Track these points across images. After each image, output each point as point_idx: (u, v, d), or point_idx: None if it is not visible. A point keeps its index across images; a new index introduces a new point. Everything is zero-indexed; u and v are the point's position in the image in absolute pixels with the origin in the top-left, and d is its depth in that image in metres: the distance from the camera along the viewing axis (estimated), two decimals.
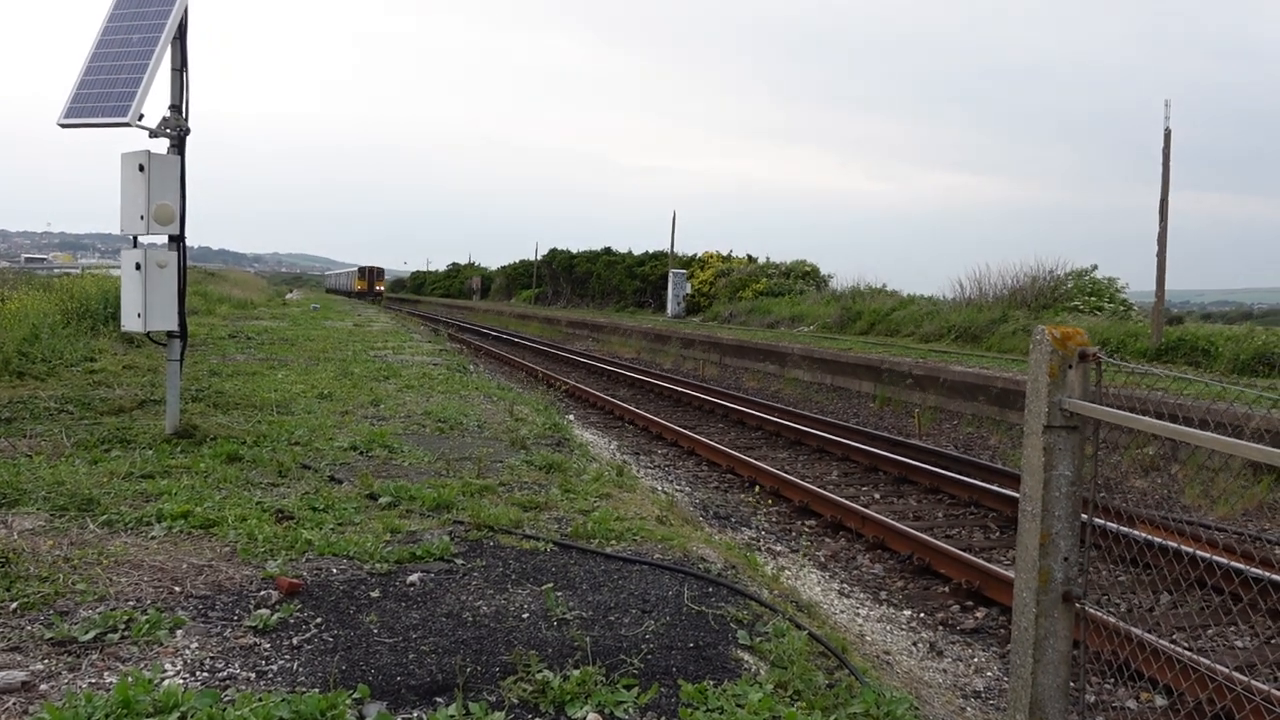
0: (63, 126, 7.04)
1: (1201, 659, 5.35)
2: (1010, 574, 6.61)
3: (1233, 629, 6.53)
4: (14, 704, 3.10)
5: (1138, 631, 3.36)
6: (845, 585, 7.43)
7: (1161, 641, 5.09)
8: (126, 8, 7.34)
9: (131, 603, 3.97)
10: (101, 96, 6.95)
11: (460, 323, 47.91)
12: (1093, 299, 25.36)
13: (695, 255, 46.39)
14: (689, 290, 41.86)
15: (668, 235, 43.64)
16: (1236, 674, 5.17)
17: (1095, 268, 27.03)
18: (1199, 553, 7.03)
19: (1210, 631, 6.48)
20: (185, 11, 7.23)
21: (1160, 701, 5.36)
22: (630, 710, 3.29)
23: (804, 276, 40.57)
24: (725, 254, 45.92)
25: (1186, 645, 6.07)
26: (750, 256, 45.18)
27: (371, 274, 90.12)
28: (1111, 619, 3.28)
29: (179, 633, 3.71)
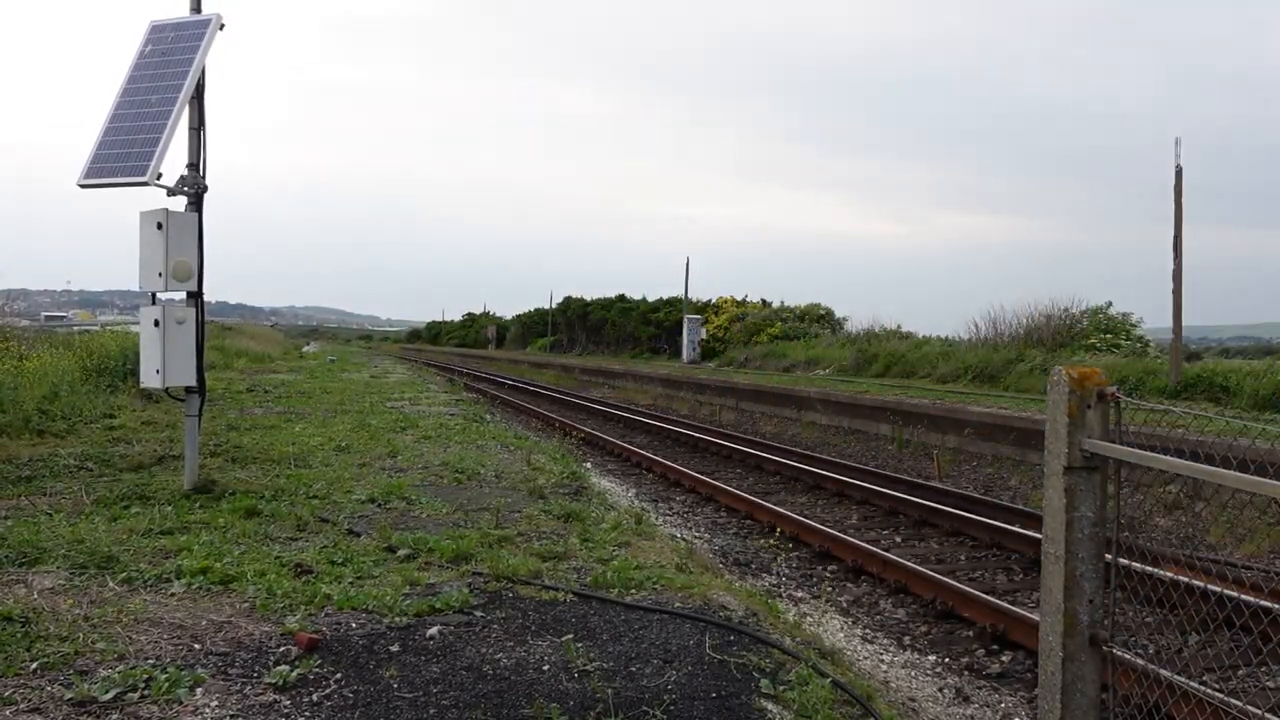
0: (83, 187, 7.15)
1: (1233, 700, 5.24)
2: (1036, 616, 6.52)
3: (1264, 669, 6.41)
4: None
5: (1166, 674, 3.30)
6: (868, 631, 7.35)
7: (1192, 684, 4.99)
8: (146, 69, 7.47)
9: (151, 661, 3.96)
10: (121, 156, 7.06)
11: (476, 371, 47.99)
12: (1109, 336, 25.28)
13: (710, 300, 46.52)
14: (704, 335, 41.93)
15: (681, 281, 43.81)
16: (1270, 716, 5.07)
17: (1110, 304, 27.00)
18: (1226, 591, 6.92)
19: (1241, 672, 6.37)
20: (203, 72, 7.36)
21: None
22: None
23: (819, 320, 40.62)
24: (740, 299, 46.02)
25: (1217, 687, 5.95)
26: (764, 301, 45.29)
27: None
28: (1140, 661, 3.23)
29: (199, 691, 3.69)
